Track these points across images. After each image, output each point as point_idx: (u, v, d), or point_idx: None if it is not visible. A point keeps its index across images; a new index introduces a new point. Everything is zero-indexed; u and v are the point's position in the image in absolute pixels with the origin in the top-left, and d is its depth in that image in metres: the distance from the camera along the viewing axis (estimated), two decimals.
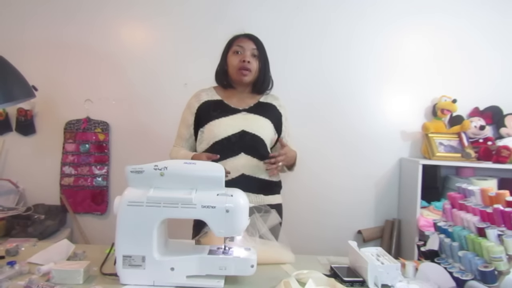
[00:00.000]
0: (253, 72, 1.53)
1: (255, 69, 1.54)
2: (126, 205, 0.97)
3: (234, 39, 1.57)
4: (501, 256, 0.93)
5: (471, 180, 2.18)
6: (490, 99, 2.41)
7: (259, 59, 1.54)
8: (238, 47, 1.53)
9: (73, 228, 2.44)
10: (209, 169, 1.02)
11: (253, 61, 1.53)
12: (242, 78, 1.53)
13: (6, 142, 2.44)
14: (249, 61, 1.51)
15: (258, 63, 1.54)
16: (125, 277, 0.99)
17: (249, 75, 1.52)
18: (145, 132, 2.44)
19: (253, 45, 1.53)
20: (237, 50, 1.53)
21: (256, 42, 1.55)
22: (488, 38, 2.43)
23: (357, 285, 1.04)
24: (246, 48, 1.52)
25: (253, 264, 1.00)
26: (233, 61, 1.53)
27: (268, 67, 1.59)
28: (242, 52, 1.53)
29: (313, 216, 2.44)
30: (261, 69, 1.55)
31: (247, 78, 1.53)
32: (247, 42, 1.54)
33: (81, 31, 2.43)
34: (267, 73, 1.58)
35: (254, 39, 1.56)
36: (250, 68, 1.51)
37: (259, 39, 1.57)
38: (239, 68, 1.51)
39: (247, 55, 1.51)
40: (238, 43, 1.54)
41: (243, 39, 1.55)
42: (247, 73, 1.52)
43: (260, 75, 1.56)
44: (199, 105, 1.57)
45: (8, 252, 1.19)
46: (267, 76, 1.59)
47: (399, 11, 2.44)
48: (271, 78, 1.61)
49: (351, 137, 2.46)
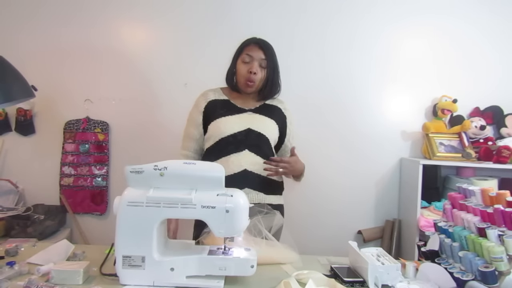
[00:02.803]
0: (258, 82, 1.55)
1: (260, 79, 1.54)
2: (126, 205, 0.97)
3: (245, 45, 1.57)
4: (501, 257, 0.92)
5: (471, 180, 2.18)
6: (491, 99, 2.41)
7: (267, 68, 1.55)
8: (247, 56, 1.53)
9: (72, 228, 2.44)
10: (209, 169, 1.02)
11: (259, 72, 1.53)
12: (246, 89, 1.55)
13: (5, 142, 2.44)
14: (255, 72, 1.52)
15: (265, 72, 1.55)
16: (124, 278, 0.99)
17: (253, 86, 1.54)
18: (145, 132, 2.44)
19: (262, 55, 1.53)
20: (245, 59, 1.54)
21: (266, 51, 1.54)
22: (488, 38, 2.43)
23: (358, 286, 1.04)
24: (254, 57, 1.53)
25: (253, 264, 1.00)
26: (241, 70, 1.54)
27: (277, 75, 1.59)
28: (250, 61, 1.53)
29: (313, 216, 2.44)
30: (268, 77, 1.56)
31: (251, 90, 1.56)
32: (257, 52, 1.53)
33: (81, 31, 2.43)
34: (275, 81, 1.58)
35: (263, 48, 1.54)
36: (255, 80, 1.53)
37: (270, 45, 1.56)
38: (246, 78, 1.53)
39: (254, 66, 1.52)
40: (248, 51, 1.54)
41: (253, 47, 1.54)
42: (252, 85, 1.53)
43: (266, 83, 1.56)
44: (206, 103, 1.59)
45: (7, 252, 1.18)
46: (275, 84, 1.59)
47: (400, 12, 2.43)
48: (279, 84, 1.61)
49: (352, 137, 2.46)
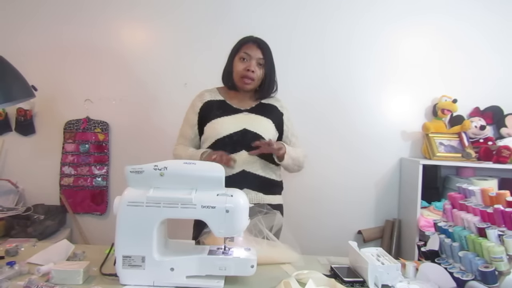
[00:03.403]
0: (256, 81, 1.55)
1: (258, 78, 1.55)
2: (126, 205, 0.97)
3: (242, 43, 1.56)
4: (501, 257, 0.92)
5: (471, 180, 2.18)
6: (491, 99, 2.41)
7: (264, 67, 1.55)
8: (245, 54, 1.53)
9: (72, 228, 2.44)
10: (209, 169, 1.02)
11: (257, 70, 1.53)
12: (244, 86, 1.55)
13: (5, 142, 2.44)
14: (253, 70, 1.52)
15: (262, 71, 1.55)
16: (124, 278, 0.99)
17: (251, 83, 1.54)
18: (145, 132, 2.44)
19: (260, 54, 1.53)
20: (243, 57, 1.53)
21: (264, 50, 1.54)
22: (488, 38, 2.44)
23: (357, 286, 1.04)
24: (252, 56, 1.52)
25: (253, 264, 1.00)
26: (238, 68, 1.54)
27: (274, 74, 1.59)
28: (248, 60, 1.53)
29: (313, 216, 2.44)
30: (266, 76, 1.56)
31: (249, 87, 1.55)
32: (255, 51, 1.53)
33: (81, 31, 2.43)
34: (271, 80, 1.58)
35: (261, 47, 1.54)
36: (253, 77, 1.52)
37: (267, 44, 1.56)
38: (243, 76, 1.52)
39: (252, 64, 1.52)
40: (245, 50, 1.54)
41: (251, 46, 1.54)
42: (249, 82, 1.53)
43: (263, 82, 1.57)
44: (202, 104, 1.59)
45: (7, 252, 1.18)
46: (272, 83, 1.59)
47: (399, 12, 2.44)
48: (276, 83, 1.61)
49: (352, 137, 2.46)
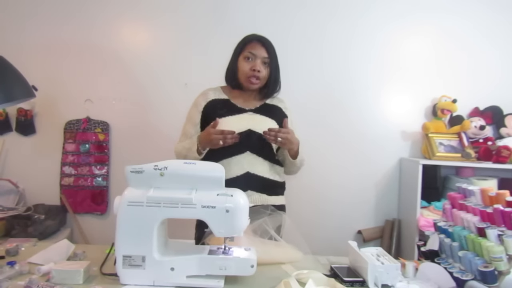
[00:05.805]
0: (262, 80, 1.54)
1: (264, 77, 1.53)
2: (126, 205, 0.97)
3: (246, 42, 1.55)
4: (501, 256, 0.93)
5: (471, 180, 2.18)
6: (490, 99, 2.41)
7: (269, 66, 1.54)
8: (249, 54, 1.51)
9: (73, 228, 2.44)
10: (209, 169, 1.02)
11: (263, 69, 1.52)
12: (250, 86, 1.53)
13: (6, 142, 2.44)
14: (259, 70, 1.50)
15: (268, 69, 1.54)
16: (125, 277, 0.99)
17: (258, 84, 1.53)
18: (145, 132, 2.44)
19: (265, 53, 1.52)
20: (248, 57, 1.52)
21: (268, 48, 1.53)
22: (488, 38, 2.44)
23: (357, 285, 1.04)
24: (257, 55, 1.51)
25: (253, 264, 1.00)
26: (244, 67, 1.52)
27: (278, 72, 1.58)
28: (253, 59, 1.51)
29: (313, 216, 2.44)
30: (271, 75, 1.54)
31: (255, 87, 1.54)
32: (260, 50, 1.52)
33: (81, 31, 2.43)
34: (276, 79, 1.57)
35: (266, 45, 1.53)
36: (259, 77, 1.51)
37: (271, 42, 1.55)
38: (249, 76, 1.51)
39: (257, 64, 1.50)
40: (250, 49, 1.52)
41: (256, 45, 1.53)
42: (256, 82, 1.52)
43: (268, 81, 1.55)
44: (206, 103, 1.57)
45: (8, 252, 1.18)
46: (276, 82, 1.58)
47: (399, 11, 2.44)
48: (279, 82, 1.60)
49: (351, 137, 2.46)
